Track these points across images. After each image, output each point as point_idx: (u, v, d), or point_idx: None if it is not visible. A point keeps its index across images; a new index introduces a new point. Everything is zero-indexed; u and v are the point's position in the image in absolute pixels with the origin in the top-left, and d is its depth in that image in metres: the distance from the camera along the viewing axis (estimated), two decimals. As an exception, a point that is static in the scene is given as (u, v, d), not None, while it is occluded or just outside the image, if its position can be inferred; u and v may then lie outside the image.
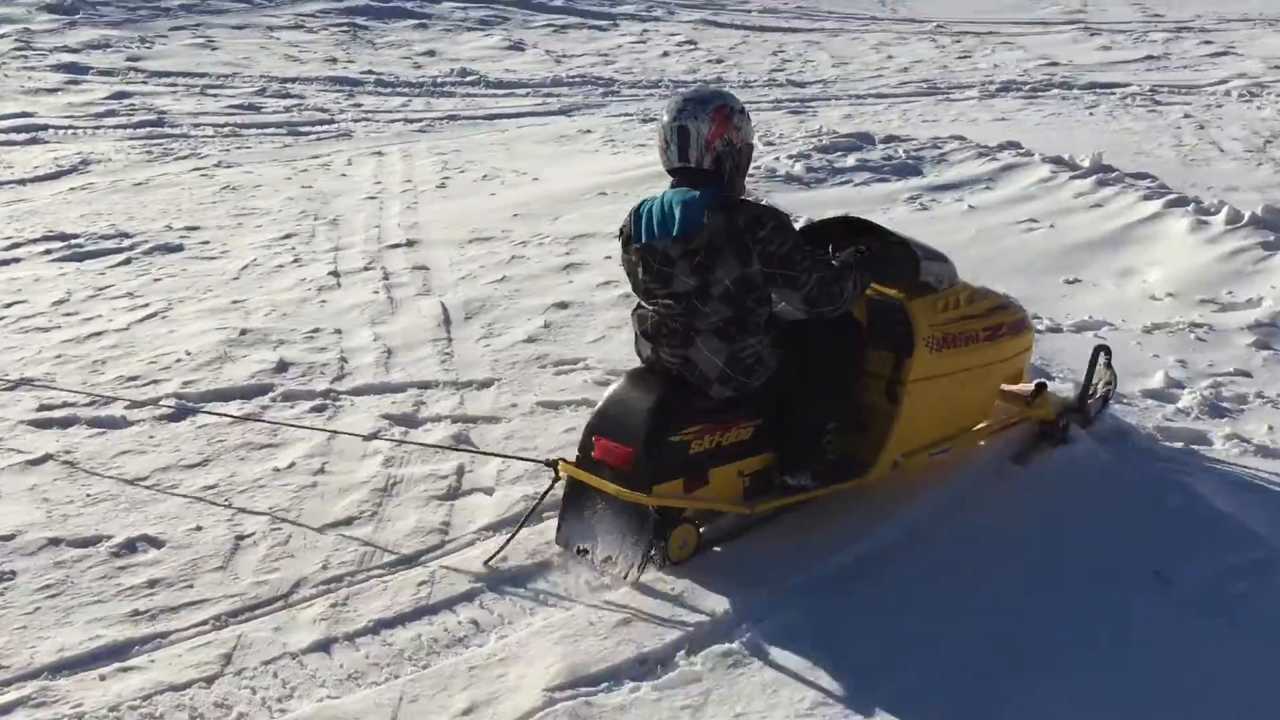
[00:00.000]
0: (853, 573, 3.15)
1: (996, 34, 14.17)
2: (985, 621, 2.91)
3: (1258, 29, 13.99)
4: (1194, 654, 2.80)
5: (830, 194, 7.43)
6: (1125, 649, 2.81)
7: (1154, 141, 8.59)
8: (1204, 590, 3.09)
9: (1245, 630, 2.93)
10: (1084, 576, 3.12)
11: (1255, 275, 5.79)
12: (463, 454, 3.92)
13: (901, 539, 3.33)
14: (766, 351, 3.28)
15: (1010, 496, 3.62)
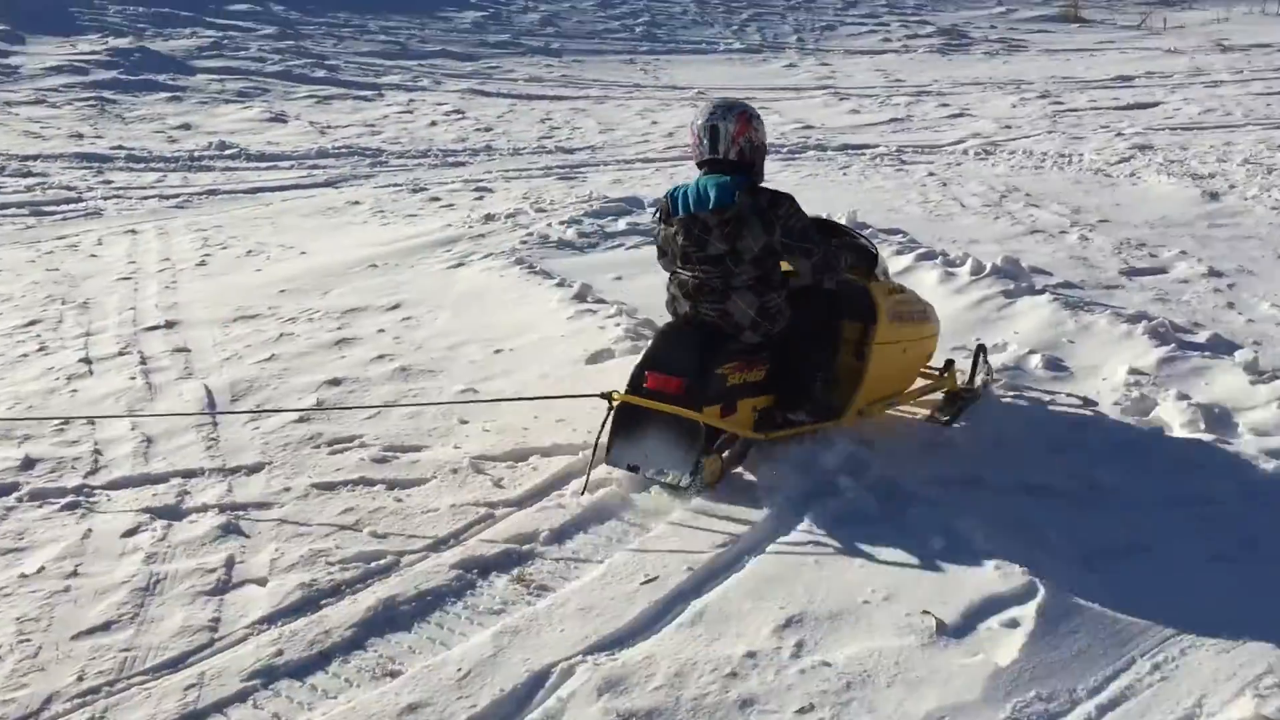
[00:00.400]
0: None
1: (754, 99, 14.73)
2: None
3: (988, 92, 15.07)
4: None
5: (604, 258, 7.53)
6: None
7: (903, 198, 9.10)
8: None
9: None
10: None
11: (999, 321, 6.17)
12: (232, 545, 3.72)
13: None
14: (784, 304, 4.19)
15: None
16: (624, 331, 5.93)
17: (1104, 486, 4.19)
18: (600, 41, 19.07)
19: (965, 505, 4.00)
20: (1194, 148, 10.64)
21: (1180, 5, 24.86)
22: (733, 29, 20.60)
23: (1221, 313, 6.33)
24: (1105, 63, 17.52)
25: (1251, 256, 7.33)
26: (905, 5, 23.30)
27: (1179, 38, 20.32)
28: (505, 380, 5.49)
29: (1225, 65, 16.43)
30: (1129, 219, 8.28)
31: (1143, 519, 3.95)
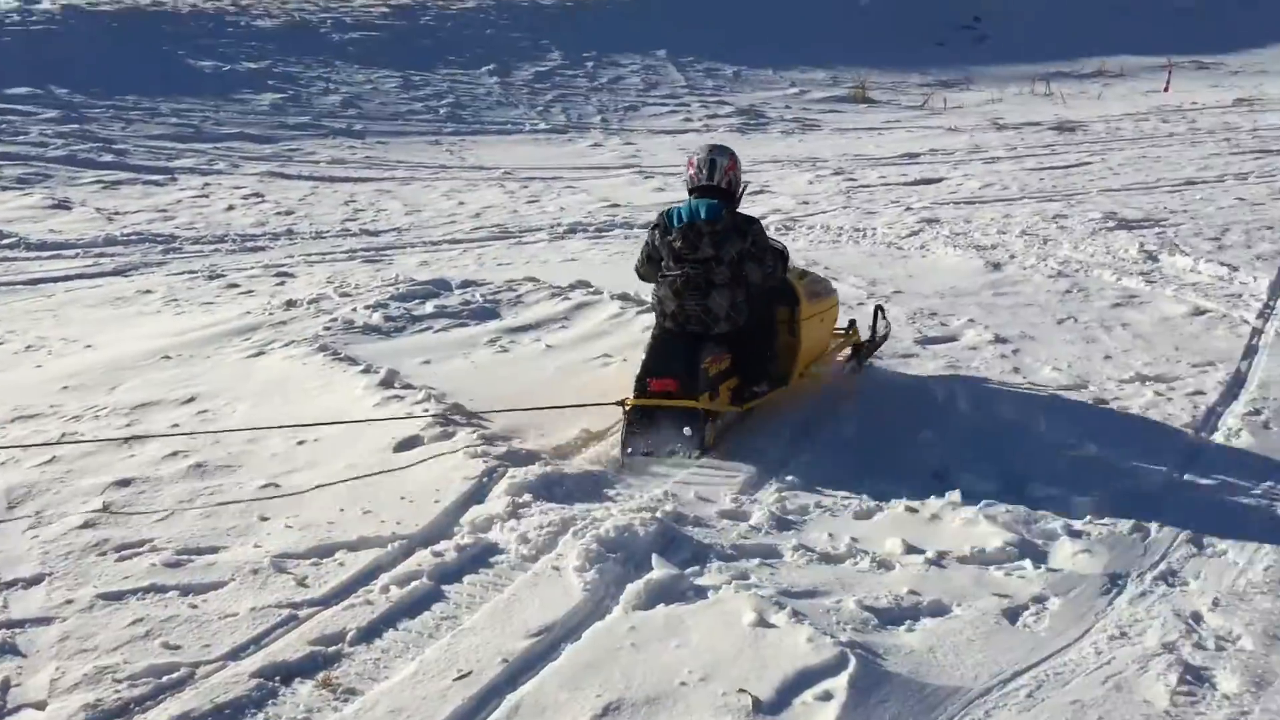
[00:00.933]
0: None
1: (560, 179, 14.90)
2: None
3: (785, 169, 15.63)
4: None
5: (410, 341, 7.40)
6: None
7: (708, 274, 9.29)
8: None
9: None
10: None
11: (800, 396, 6.33)
12: (6, 666, 3.44)
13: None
14: (745, 302, 5.59)
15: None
16: (433, 418, 5.82)
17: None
18: (404, 123, 18.98)
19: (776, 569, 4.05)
20: (976, 220, 11.25)
21: (958, 86, 26.44)
22: (538, 110, 20.84)
23: (1008, 377, 6.65)
24: (893, 141, 18.43)
25: (1032, 323, 7.75)
26: (704, 87, 24.05)
27: (959, 117, 21.58)
28: (310, 472, 5.31)
29: (1001, 142, 17.51)
30: (920, 289, 8.66)
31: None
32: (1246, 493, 5.03)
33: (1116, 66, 29.15)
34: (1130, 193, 12.63)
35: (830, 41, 28.81)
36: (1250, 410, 6.04)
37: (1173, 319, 7.77)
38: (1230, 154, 15.50)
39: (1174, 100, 23.33)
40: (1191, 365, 6.80)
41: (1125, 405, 6.16)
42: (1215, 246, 9.76)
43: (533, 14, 26.89)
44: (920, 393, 6.24)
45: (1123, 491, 5.00)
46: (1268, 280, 8.57)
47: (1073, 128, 19.11)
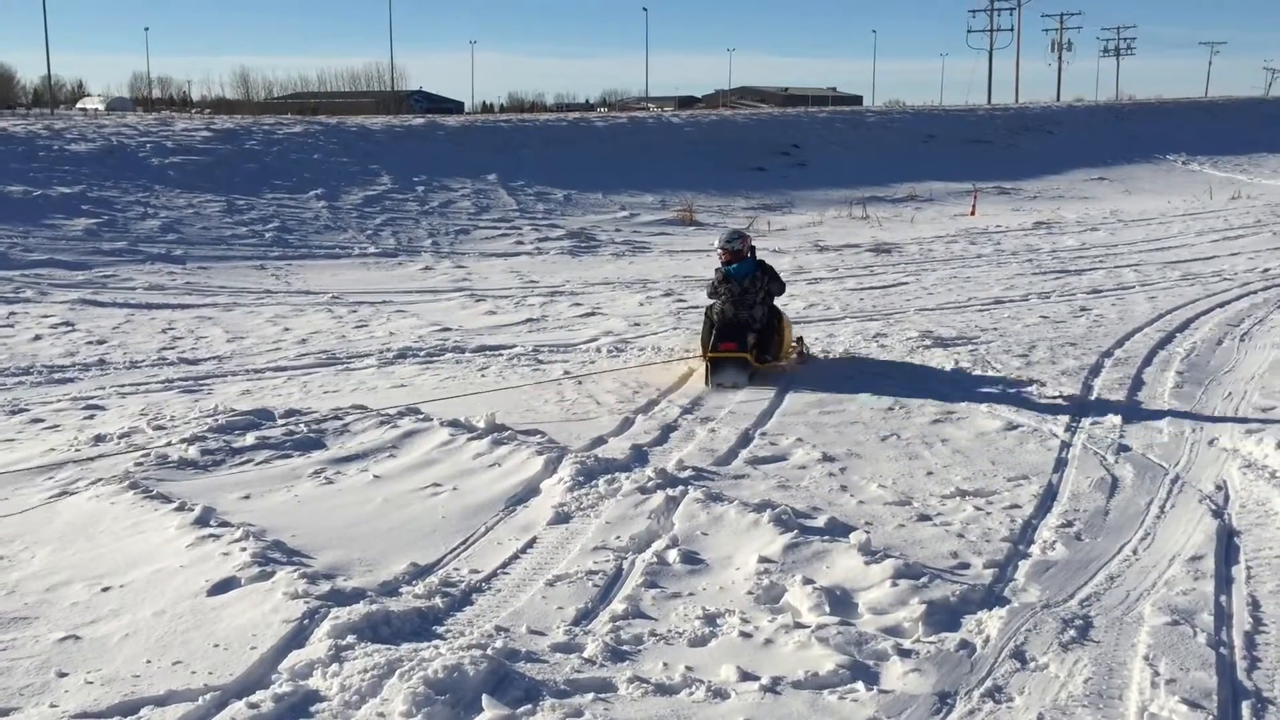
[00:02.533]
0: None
1: (391, 303, 14.73)
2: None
3: (617, 291, 15.83)
4: None
5: (230, 477, 7.09)
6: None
7: (540, 399, 9.25)
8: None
9: None
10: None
11: (637, 518, 6.29)
12: None
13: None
14: (765, 311, 9.76)
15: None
16: (251, 557, 5.56)
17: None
18: (228, 248, 18.55)
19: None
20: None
21: (781, 210, 27.47)
22: (367, 233, 20.68)
23: (836, 496, 6.77)
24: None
25: (858, 440, 7.94)
26: (536, 211, 24.34)
27: (782, 239, 22.36)
28: (114, 622, 4.98)
29: (823, 264, 18.17)
30: (749, 410, 8.79)
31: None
32: (1062, 604, 5.18)
33: (926, 191, 30.83)
34: (944, 311, 13.22)
35: (657, 167, 29.67)
36: (1063, 522, 6.27)
37: (989, 434, 8.06)
38: (1033, 274, 16.44)
39: (980, 223, 24.75)
40: (1007, 479, 7.04)
41: (947, 520, 6.32)
42: (1024, 363, 10.24)
43: (361, 139, 26.91)
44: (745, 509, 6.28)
45: (948, 607, 5.09)
46: (1073, 394, 9.01)
47: (889, 249, 20.00)
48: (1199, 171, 39.36)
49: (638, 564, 5.65)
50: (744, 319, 9.64)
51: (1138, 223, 24.29)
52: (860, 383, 9.52)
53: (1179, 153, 42.59)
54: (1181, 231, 22.25)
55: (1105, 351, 10.66)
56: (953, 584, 5.32)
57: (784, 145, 35.12)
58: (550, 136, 31.05)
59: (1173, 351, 10.70)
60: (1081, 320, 12.42)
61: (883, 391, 9.14)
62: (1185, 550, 5.82)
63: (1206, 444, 7.73)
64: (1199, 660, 4.57)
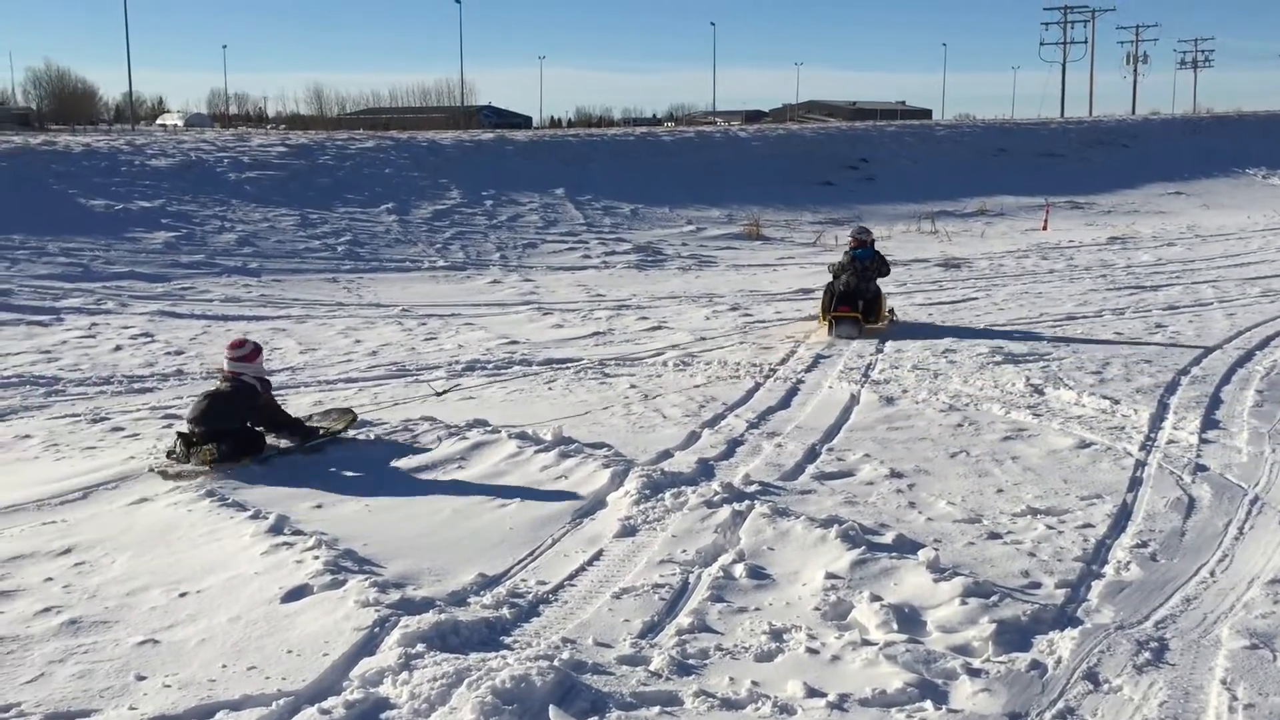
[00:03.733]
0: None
1: (459, 316, 14.89)
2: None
3: (683, 305, 15.84)
4: None
5: (303, 486, 7.21)
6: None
7: (606, 411, 9.29)
8: None
9: None
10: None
11: (703, 531, 6.30)
12: None
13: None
14: (875, 285, 13.03)
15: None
16: (323, 565, 5.65)
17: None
18: (301, 260, 18.88)
19: None
20: (867, 355, 11.49)
21: (848, 224, 27.31)
22: (436, 247, 20.93)
23: (904, 512, 6.71)
24: (787, 277, 18.86)
25: (926, 457, 7.87)
26: (603, 225, 24.47)
27: (849, 253, 22.23)
28: (190, 627, 5.09)
29: (891, 279, 18.03)
30: (817, 425, 8.76)
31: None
32: (1137, 626, 5.09)
33: (997, 205, 30.47)
34: (1015, 327, 13.06)
35: (724, 181, 29.67)
36: (1138, 543, 6.16)
37: (1060, 452, 7.95)
38: (1107, 289, 16.17)
39: (1052, 238, 24.41)
40: (1080, 498, 6.94)
41: (1018, 538, 6.24)
42: (1097, 380, 10.08)
43: (431, 154, 27.24)
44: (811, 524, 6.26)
45: (1020, 627, 5.03)
46: (1148, 413, 8.85)
47: (958, 264, 19.79)
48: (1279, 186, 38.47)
49: (704, 578, 5.66)
50: (859, 290, 12.82)
51: (1216, 238, 23.80)
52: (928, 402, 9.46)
53: (1259, 167, 41.66)
54: (1261, 247, 21.75)
55: (1182, 369, 10.46)
56: (1024, 603, 5.26)
57: (852, 159, 34.93)
58: (617, 151, 31.18)
59: (1252, 370, 10.47)
60: (1157, 337, 12.19)
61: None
62: (1265, 573, 5.69)
63: (1287, 464, 7.55)
64: (1278, 685, 4.47)
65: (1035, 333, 12.64)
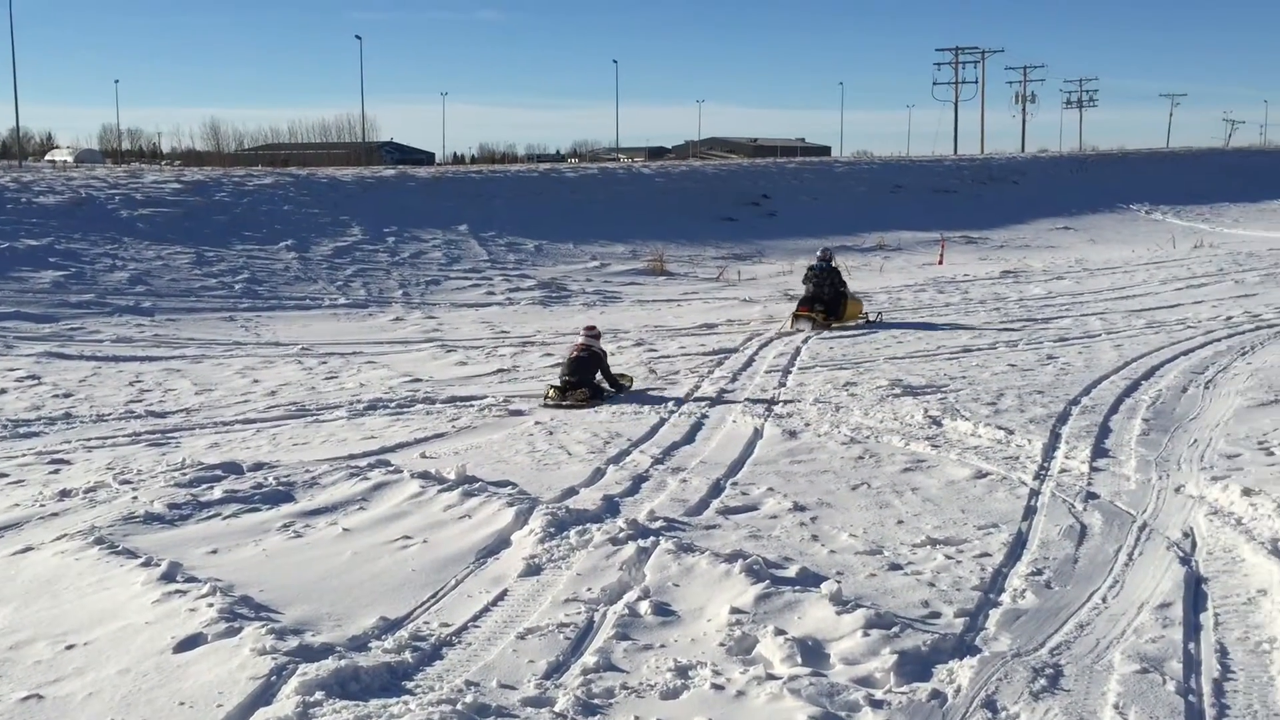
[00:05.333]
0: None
1: (361, 354, 14.70)
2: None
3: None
4: None
5: (198, 530, 7.03)
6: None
7: (511, 449, 9.23)
8: None
9: None
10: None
11: (607, 569, 6.27)
12: None
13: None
14: (834, 291, 16.45)
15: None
16: (218, 612, 5.50)
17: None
18: (196, 299, 18.49)
19: None
20: (770, 389, 11.61)
21: (751, 259, 27.66)
22: (337, 284, 20.67)
23: (807, 545, 6.77)
24: (691, 312, 19.01)
25: (829, 490, 7.96)
26: (506, 261, 24.41)
27: (752, 288, 22.50)
28: (77, 680, 4.92)
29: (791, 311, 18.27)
30: (721, 459, 8.81)
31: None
32: (1033, 653, 5.19)
33: (894, 240, 31.15)
34: (913, 360, 13.31)
35: (628, 217, 29.85)
36: (1033, 571, 6.30)
37: (958, 482, 8.10)
38: (1001, 323, 16.59)
39: (948, 272, 25.00)
40: (977, 527, 7.07)
41: (918, 569, 6.33)
42: (992, 411, 10.31)
43: (332, 190, 26.97)
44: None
45: (920, 657, 5.09)
46: (1041, 443, 9.07)
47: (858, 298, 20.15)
48: (1162, 221, 39.98)
49: (609, 616, 5.63)
50: (816, 295, 16.34)
51: (1103, 271, 24.60)
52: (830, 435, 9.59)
53: (1142, 202, 43.26)
54: (1146, 280, 22.54)
55: (1073, 399, 10.75)
56: (924, 633, 5.33)
57: (754, 195, 35.43)
58: (521, 187, 31.22)
59: (1139, 399, 10.81)
60: (1049, 368, 12.53)
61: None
62: (1154, 598, 5.86)
63: (1173, 491, 7.79)
64: (1168, 709, 4.59)
65: (933, 365, 12.90)
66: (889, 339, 15.13)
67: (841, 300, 16.41)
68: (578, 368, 11.41)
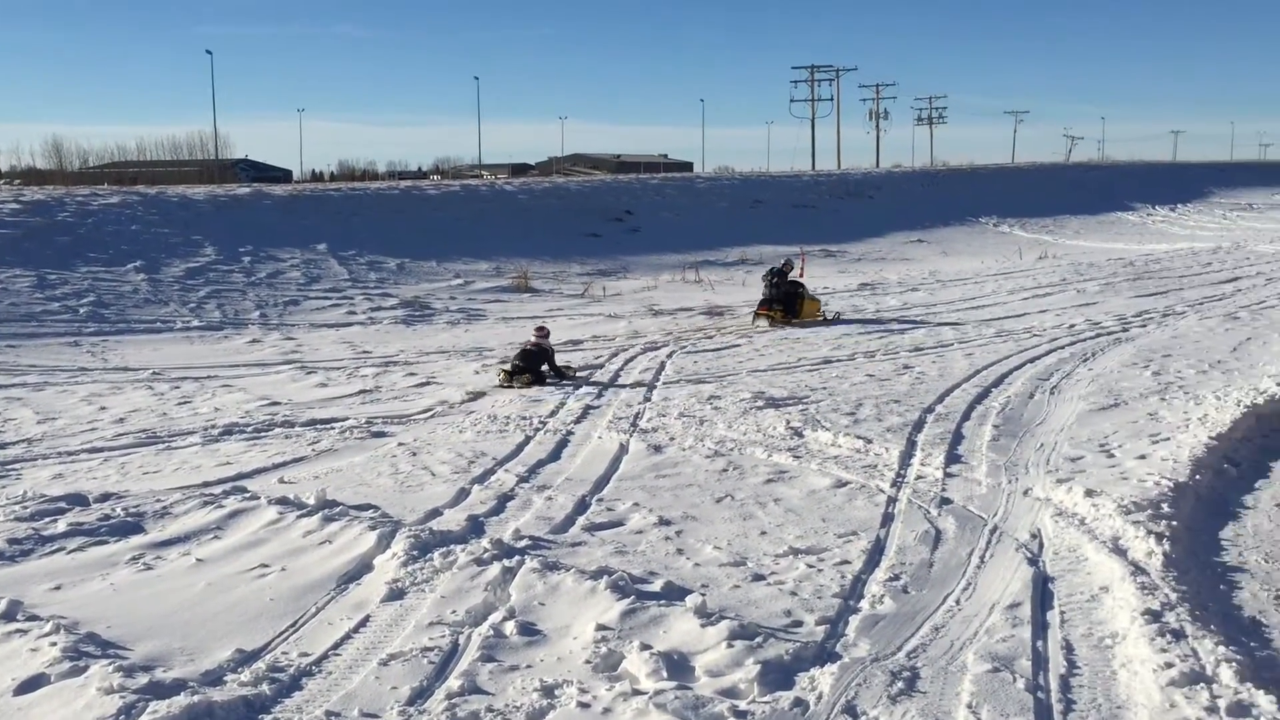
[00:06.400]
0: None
1: (216, 377, 14.27)
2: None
3: (452, 359, 15.68)
4: None
5: (38, 565, 6.73)
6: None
7: (374, 472, 9.07)
8: None
9: None
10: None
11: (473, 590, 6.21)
12: None
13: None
14: (789, 290, 18.74)
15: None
16: (61, 651, 5.28)
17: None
18: (38, 324, 17.70)
19: None
20: (636, 405, 11.67)
21: (616, 275, 27.78)
22: (190, 307, 20.04)
23: (673, 559, 6.82)
24: (557, 328, 18.89)
25: (694, 503, 8.03)
26: (368, 280, 24.01)
27: (617, 304, 22.60)
28: (-94, 731, 4.63)
29: (657, 327, 18.42)
30: (587, 476, 8.81)
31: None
32: (891, 657, 5.32)
33: (756, 254, 31.64)
34: (775, 372, 13.53)
35: (492, 234, 29.69)
36: (891, 576, 6.46)
37: (819, 492, 8.26)
38: (859, 334, 17.00)
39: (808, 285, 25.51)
40: (838, 535, 7.22)
41: (781, 578, 6.43)
42: (852, 420, 10.55)
43: (183, 209, 26.18)
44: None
45: (783, 666, 5.17)
46: (898, 451, 9.32)
47: (721, 312, 20.41)
48: (1009, 233, 41.56)
49: (474, 638, 5.58)
50: (773, 296, 18.46)
51: (955, 282, 25.41)
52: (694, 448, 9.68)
53: (990, 215, 44.89)
54: (995, 290, 23.37)
55: (927, 407, 11.07)
56: (786, 642, 5.41)
57: (617, 211, 35.62)
58: (383, 205, 30.78)
59: (989, 406, 11.19)
60: (905, 378, 12.88)
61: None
62: (1004, 598, 6.06)
63: (1021, 494, 8.08)
64: (1018, 705, 4.75)
65: (794, 377, 13.13)
66: (752, 352, 15.35)
67: (798, 300, 18.48)
68: (526, 358, 13.34)
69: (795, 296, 18.52)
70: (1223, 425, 9.73)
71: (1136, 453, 9.06)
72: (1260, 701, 4.74)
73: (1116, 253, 33.41)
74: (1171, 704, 4.77)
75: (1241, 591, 6.30)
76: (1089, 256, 31.99)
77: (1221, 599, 6.17)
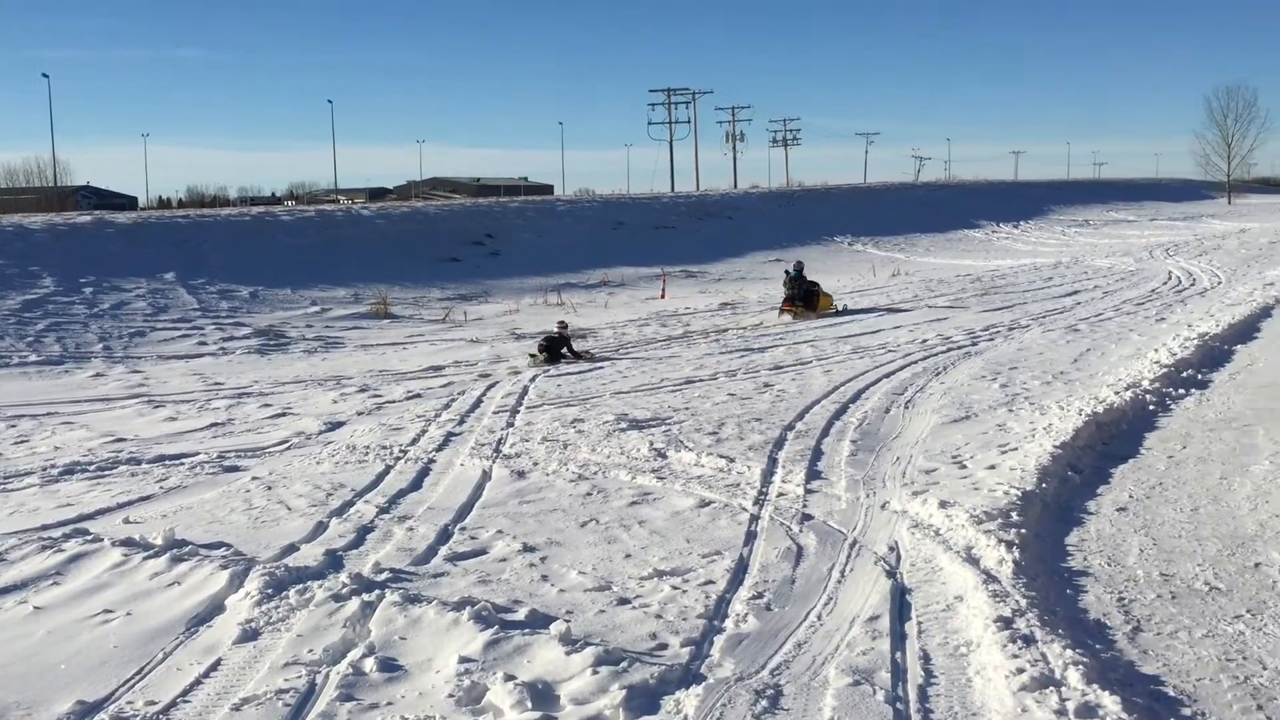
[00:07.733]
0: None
1: (56, 414, 13.63)
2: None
3: (309, 389, 15.30)
4: None
5: None
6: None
7: (226, 508, 8.77)
8: None
9: None
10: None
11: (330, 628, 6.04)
12: None
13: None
14: (810, 288, 22.88)
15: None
16: (-118, 714, 4.91)
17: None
18: None
19: None
20: (499, 430, 11.56)
21: (477, 299, 27.57)
22: (27, 340, 19.13)
23: (537, 586, 6.75)
24: (417, 355, 18.71)
25: (558, 528, 7.98)
26: (219, 309, 23.31)
27: (479, 328, 22.41)
28: None
29: (520, 351, 18.31)
30: (449, 504, 8.67)
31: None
32: (755, 675, 5.34)
33: (618, 276, 31.82)
34: (638, 394, 13.58)
35: (349, 260, 29.18)
36: (754, 594, 6.51)
37: (683, 512, 8.29)
38: (720, 353, 17.19)
39: (670, 305, 25.73)
40: (701, 556, 7.25)
41: (646, 601, 6.42)
42: (714, 440, 10.63)
43: (18, 239, 25.06)
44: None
45: (648, 690, 5.15)
46: (760, 469, 9.42)
47: (583, 335, 20.41)
48: (863, 251, 42.67)
49: (332, 677, 5.42)
50: (796, 293, 22.18)
51: (812, 301, 25.93)
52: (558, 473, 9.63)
53: (845, 234, 46.04)
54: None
55: (788, 425, 11.24)
56: (652, 665, 5.40)
57: (478, 235, 35.39)
58: (234, 232, 29.96)
59: (847, 421, 11.41)
60: (766, 396, 13.05)
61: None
62: (864, 611, 6.16)
63: (879, 508, 8.25)
64: (878, 717, 4.82)
65: (657, 398, 13.19)
66: (615, 374, 15.38)
67: (814, 296, 22.43)
68: (550, 343, 17.04)
69: (812, 294, 22.44)
70: (1066, 434, 10.11)
71: (987, 463, 9.35)
72: (1106, 702, 4.90)
73: (965, 269, 34.60)
74: (1023, 709, 4.91)
75: (1087, 595, 6.53)
76: (939, 273, 33.03)
77: (1068, 603, 6.38)
